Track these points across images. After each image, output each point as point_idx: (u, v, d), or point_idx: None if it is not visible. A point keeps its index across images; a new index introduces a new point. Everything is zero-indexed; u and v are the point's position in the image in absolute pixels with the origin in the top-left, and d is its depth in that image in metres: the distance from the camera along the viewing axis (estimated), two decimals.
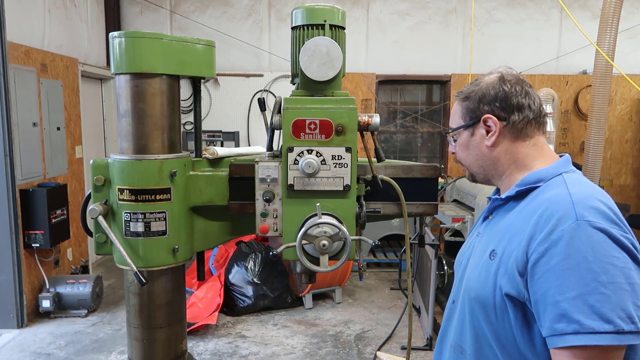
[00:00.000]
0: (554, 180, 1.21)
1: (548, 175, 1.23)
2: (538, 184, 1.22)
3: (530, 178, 1.24)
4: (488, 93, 1.28)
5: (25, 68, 4.63)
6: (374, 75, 6.83)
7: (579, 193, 1.12)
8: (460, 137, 1.35)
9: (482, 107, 1.28)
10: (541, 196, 1.18)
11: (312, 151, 1.60)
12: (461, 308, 1.30)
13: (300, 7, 1.66)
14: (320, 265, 1.59)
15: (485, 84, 1.30)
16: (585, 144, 4.87)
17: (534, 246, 1.08)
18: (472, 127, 1.31)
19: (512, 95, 1.26)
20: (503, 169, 1.30)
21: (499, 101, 1.26)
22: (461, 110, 1.33)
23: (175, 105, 1.72)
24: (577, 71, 6.85)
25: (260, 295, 4.84)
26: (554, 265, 1.04)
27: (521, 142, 1.28)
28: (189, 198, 1.74)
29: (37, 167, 4.81)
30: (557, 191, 1.16)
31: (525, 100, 1.26)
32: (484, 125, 1.28)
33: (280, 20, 6.77)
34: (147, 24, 6.72)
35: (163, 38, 1.62)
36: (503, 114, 1.27)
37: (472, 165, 1.35)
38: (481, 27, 6.81)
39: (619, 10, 4.48)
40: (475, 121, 1.29)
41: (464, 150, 1.35)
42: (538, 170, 1.25)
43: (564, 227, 1.05)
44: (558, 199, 1.12)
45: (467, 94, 1.32)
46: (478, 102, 1.29)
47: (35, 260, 4.72)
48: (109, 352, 4.11)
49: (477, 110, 1.29)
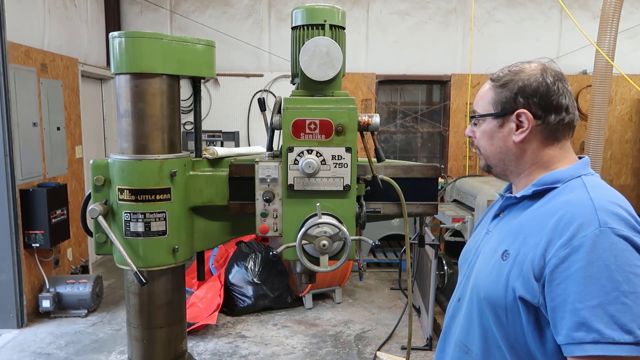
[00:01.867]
0: (572, 183, 1.17)
1: (566, 177, 1.18)
2: (556, 184, 1.18)
3: (548, 178, 1.19)
4: (529, 85, 1.18)
5: (25, 68, 4.63)
6: (374, 75, 6.83)
7: (601, 198, 1.09)
8: (485, 124, 1.26)
9: (519, 99, 1.18)
10: (559, 198, 1.14)
11: (312, 151, 1.59)
12: (468, 307, 1.26)
13: (300, 7, 1.66)
14: (320, 265, 1.59)
15: (526, 74, 1.20)
16: (585, 144, 4.87)
17: (553, 251, 1.04)
18: (502, 118, 1.22)
19: (554, 93, 1.17)
20: (524, 167, 1.24)
21: (538, 97, 1.17)
22: (493, 97, 1.23)
23: (175, 105, 1.72)
24: (577, 71, 6.85)
25: (260, 295, 4.84)
26: (575, 272, 1.01)
27: (550, 145, 1.21)
28: (189, 198, 1.74)
29: (37, 167, 4.81)
30: (577, 194, 1.12)
31: (565, 100, 1.18)
32: (515, 119, 1.20)
33: (280, 20, 6.77)
34: (147, 24, 6.72)
35: (163, 38, 1.62)
36: (540, 112, 1.18)
37: (491, 156, 1.28)
38: (481, 27, 6.81)
39: (619, 10, 4.48)
40: (508, 113, 1.21)
41: (487, 140, 1.26)
42: (557, 171, 1.20)
43: (586, 233, 1.02)
44: (579, 203, 1.08)
45: (505, 81, 1.21)
46: (515, 93, 1.19)
47: (35, 260, 4.72)
48: (109, 352, 4.11)
49: (512, 101, 1.19)
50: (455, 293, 1.38)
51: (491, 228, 1.32)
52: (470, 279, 1.29)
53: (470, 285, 1.26)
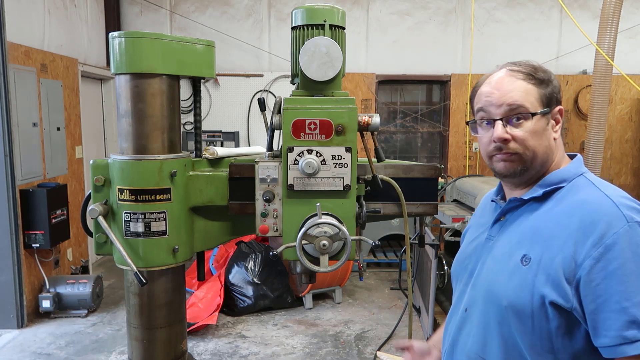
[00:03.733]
0: (577, 181, 1.19)
1: (571, 176, 1.20)
2: (562, 184, 1.19)
3: (554, 178, 1.20)
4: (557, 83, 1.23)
5: (25, 68, 4.63)
6: (374, 75, 6.83)
7: (615, 195, 1.10)
8: (534, 122, 1.19)
9: (558, 96, 1.23)
10: (571, 198, 1.15)
11: (312, 151, 1.59)
12: (482, 317, 1.21)
13: (300, 7, 1.66)
14: (320, 265, 1.59)
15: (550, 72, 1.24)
16: (585, 143, 4.87)
17: (585, 251, 1.03)
18: (549, 115, 1.21)
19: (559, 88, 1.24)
20: (549, 165, 1.23)
21: (559, 93, 1.23)
22: (539, 93, 1.20)
23: (175, 105, 1.72)
24: (577, 71, 6.85)
25: (261, 295, 4.84)
26: (615, 270, 1.00)
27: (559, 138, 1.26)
28: (189, 198, 1.74)
29: (37, 167, 4.81)
30: (590, 193, 1.13)
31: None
32: (556, 116, 1.23)
33: (280, 20, 6.77)
34: (147, 24, 6.72)
35: (163, 38, 1.62)
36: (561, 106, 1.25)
37: (540, 156, 1.21)
38: (481, 27, 6.81)
39: (619, 10, 4.48)
40: (553, 109, 1.22)
41: (538, 139, 1.20)
42: (561, 170, 1.22)
43: (617, 230, 1.02)
44: (597, 202, 1.09)
45: (544, 79, 1.21)
46: (556, 90, 1.22)
47: (35, 261, 4.72)
48: (109, 352, 4.11)
49: (556, 98, 1.22)
50: (457, 303, 1.33)
51: (494, 233, 1.28)
52: (477, 287, 1.25)
53: (482, 294, 1.22)
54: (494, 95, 1.22)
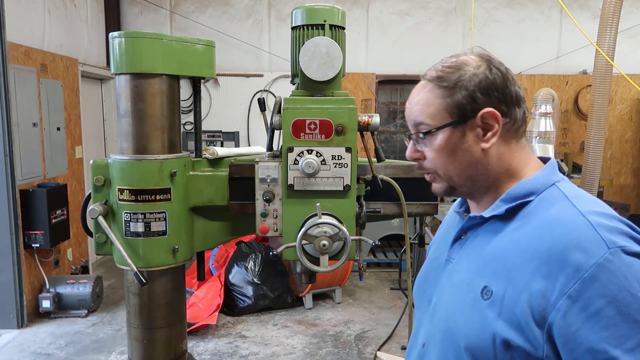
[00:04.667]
0: (548, 193, 0.97)
1: (540, 186, 0.98)
2: (529, 197, 0.98)
3: (519, 190, 0.99)
4: (484, 79, 0.98)
5: (25, 68, 4.63)
6: (374, 75, 6.83)
7: (592, 212, 0.90)
8: (438, 138, 1.01)
9: (478, 97, 0.97)
10: (540, 215, 0.94)
11: (312, 151, 1.59)
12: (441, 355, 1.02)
13: (300, 7, 1.66)
14: (320, 265, 1.59)
15: (473, 66, 0.99)
16: (585, 143, 4.87)
17: (559, 288, 0.85)
18: (463, 125, 0.99)
19: (511, 83, 0.99)
20: (494, 179, 1.02)
21: (497, 90, 0.98)
22: (444, 102, 0.99)
23: (175, 105, 1.72)
24: (577, 71, 6.85)
25: (261, 295, 4.84)
26: (598, 311, 0.82)
27: (515, 144, 1.02)
28: (189, 198, 1.74)
29: (37, 167, 4.81)
30: (561, 209, 0.93)
31: (520, 91, 1.01)
32: (481, 123, 0.99)
33: (280, 20, 6.77)
34: (147, 24, 6.72)
35: (163, 38, 1.62)
36: (504, 107, 0.98)
37: (457, 175, 1.03)
38: (481, 27, 6.81)
39: (619, 10, 4.48)
40: (470, 117, 0.98)
41: (448, 156, 1.01)
42: (527, 180, 1.00)
43: (596, 260, 0.83)
44: (571, 222, 0.89)
45: (455, 80, 0.99)
46: (473, 91, 0.97)
47: (35, 261, 4.72)
48: (109, 353, 4.11)
49: (474, 102, 0.98)
50: (416, 334, 1.15)
51: (453, 254, 1.08)
52: (435, 321, 1.06)
53: (441, 329, 1.03)
54: (406, 109, 1.08)
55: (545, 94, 4.95)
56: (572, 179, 5.77)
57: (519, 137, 1.02)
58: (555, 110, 5.09)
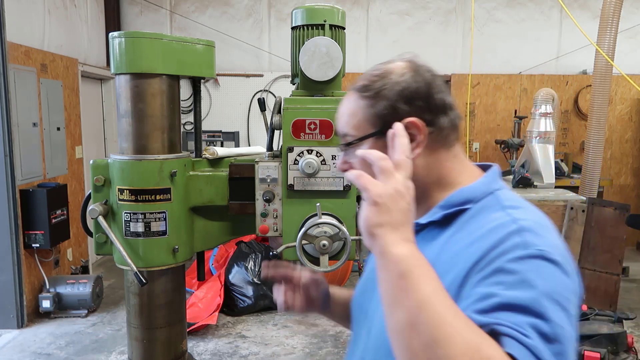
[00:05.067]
0: (486, 201, 0.96)
1: (478, 194, 0.96)
2: (467, 205, 0.96)
3: (457, 198, 0.97)
4: (407, 87, 0.94)
5: (25, 68, 4.63)
6: None
7: (526, 220, 0.88)
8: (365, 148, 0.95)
9: (400, 107, 0.94)
10: (476, 222, 0.92)
11: (312, 151, 1.60)
12: None
13: (300, 7, 1.66)
14: (320, 265, 1.59)
15: (398, 74, 0.96)
16: (585, 144, 4.87)
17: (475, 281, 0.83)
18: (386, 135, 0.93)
19: (436, 91, 0.96)
20: (424, 189, 0.98)
21: (421, 99, 0.94)
22: (367, 111, 0.96)
23: (175, 105, 1.72)
24: (577, 71, 6.85)
25: (261, 295, 4.84)
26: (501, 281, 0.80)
27: (445, 153, 0.98)
28: (189, 198, 1.74)
29: (37, 167, 4.81)
30: (497, 217, 0.90)
31: (448, 97, 0.98)
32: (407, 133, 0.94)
33: (280, 20, 6.77)
34: (147, 24, 6.72)
35: (163, 38, 1.62)
36: (428, 115, 0.95)
37: None
38: (481, 27, 6.82)
39: (619, 10, 4.48)
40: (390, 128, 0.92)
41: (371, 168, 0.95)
42: (465, 188, 0.98)
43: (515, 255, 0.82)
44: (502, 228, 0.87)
45: (377, 89, 0.95)
46: (395, 100, 0.94)
47: (35, 261, 4.72)
48: (109, 353, 4.11)
49: (395, 111, 0.94)
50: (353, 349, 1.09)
51: None
52: (372, 336, 1.01)
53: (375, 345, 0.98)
54: (335, 120, 1.05)
55: (545, 94, 4.95)
56: (572, 179, 5.77)
57: (449, 146, 0.99)
58: (555, 110, 5.09)
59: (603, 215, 3.84)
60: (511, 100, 6.83)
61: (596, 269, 3.83)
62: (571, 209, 3.80)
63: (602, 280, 3.83)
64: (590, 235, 3.81)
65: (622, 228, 3.86)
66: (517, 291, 0.77)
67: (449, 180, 0.99)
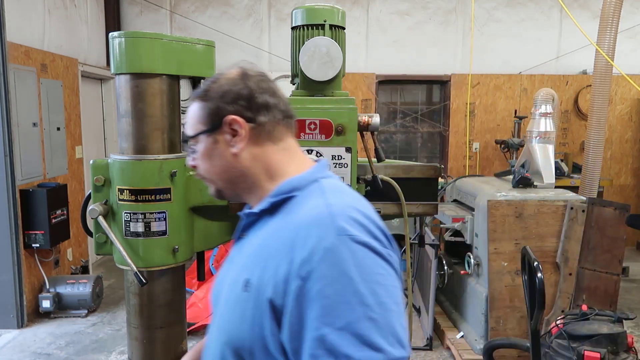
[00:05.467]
0: (310, 189, 1.05)
1: (304, 183, 1.06)
2: (293, 193, 1.05)
3: (285, 187, 1.06)
4: (231, 90, 1.08)
5: (25, 68, 4.63)
6: (374, 75, 6.83)
7: (338, 203, 0.98)
8: (200, 146, 1.11)
9: (224, 107, 1.07)
10: (297, 208, 1.01)
11: (312, 151, 1.60)
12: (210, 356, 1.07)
13: (300, 7, 1.66)
14: None
15: (225, 79, 1.10)
16: (585, 143, 4.87)
17: (294, 271, 0.91)
18: (215, 133, 1.08)
19: (258, 93, 1.08)
20: (254, 180, 1.10)
21: (244, 99, 1.07)
22: (200, 113, 1.10)
23: (175, 105, 1.72)
24: (577, 71, 6.85)
25: None
26: (319, 292, 0.89)
27: (271, 147, 1.10)
28: (189, 198, 1.74)
29: (37, 167, 4.81)
30: (314, 202, 0.99)
31: (272, 99, 1.10)
32: (228, 129, 1.07)
33: (280, 20, 6.77)
34: (147, 24, 6.72)
35: (163, 38, 1.62)
36: (249, 114, 1.07)
37: (217, 179, 1.12)
38: (481, 26, 6.82)
39: (619, 10, 4.48)
40: (219, 125, 1.08)
41: (207, 161, 1.11)
42: (293, 178, 1.08)
43: (325, 244, 0.90)
44: (315, 212, 0.97)
45: (206, 92, 1.10)
46: (219, 101, 1.08)
47: (35, 261, 4.72)
48: (109, 352, 4.11)
49: (220, 111, 1.07)
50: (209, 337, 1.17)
51: (234, 254, 1.15)
52: (215, 321, 1.10)
53: (216, 333, 1.07)
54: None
55: (545, 94, 4.95)
56: (572, 179, 5.77)
57: (275, 140, 1.10)
58: (555, 110, 5.09)
59: (603, 215, 3.84)
60: (511, 100, 6.83)
61: (596, 269, 3.83)
62: (571, 209, 3.80)
63: (602, 280, 3.83)
64: (590, 235, 3.81)
65: (622, 228, 3.86)
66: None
67: (278, 171, 1.10)
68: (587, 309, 2.99)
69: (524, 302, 2.67)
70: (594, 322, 2.86)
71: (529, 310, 2.55)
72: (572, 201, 3.84)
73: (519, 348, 3.07)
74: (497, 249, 3.80)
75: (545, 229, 3.82)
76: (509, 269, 3.80)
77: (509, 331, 3.79)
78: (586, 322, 2.86)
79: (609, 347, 2.70)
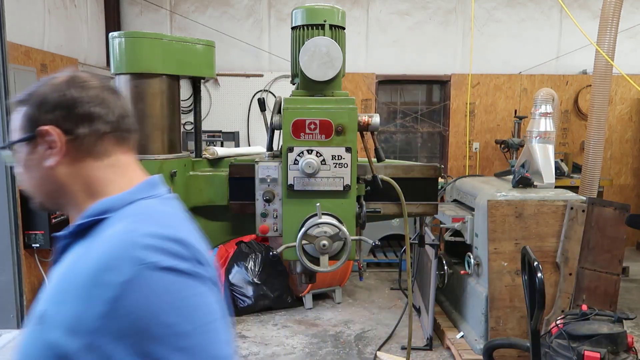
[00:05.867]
0: (125, 211, 0.96)
1: (119, 204, 0.97)
2: (106, 215, 0.95)
3: (97, 208, 0.96)
4: (51, 98, 0.97)
5: (25, 68, 4.63)
6: (374, 75, 6.83)
7: (140, 229, 0.89)
8: (17, 156, 1.01)
9: (43, 116, 0.97)
10: (103, 234, 0.92)
11: (312, 151, 1.60)
12: None
13: (300, 7, 1.66)
14: (320, 265, 1.59)
15: (48, 86, 1.00)
16: (585, 143, 4.87)
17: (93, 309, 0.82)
18: (32, 142, 0.98)
19: (81, 103, 0.98)
20: (72, 196, 1.00)
21: (63, 109, 0.97)
22: (20, 120, 0.99)
23: (175, 105, 1.72)
24: (577, 71, 6.85)
25: (261, 295, 4.84)
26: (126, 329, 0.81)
27: (92, 162, 0.99)
28: (189, 198, 1.74)
29: None
30: (118, 228, 0.90)
31: (98, 109, 0.99)
32: (43, 140, 0.97)
33: (280, 20, 6.77)
34: (147, 24, 6.72)
35: (163, 38, 1.62)
36: (67, 125, 0.96)
37: (34, 191, 1.03)
38: (481, 27, 6.82)
39: (619, 10, 4.48)
40: (34, 134, 0.97)
41: (25, 173, 1.02)
42: (109, 198, 0.98)
43: (123, 278, 0.82)
44: (113, 240, 0.88)
45: (26, 98, 0.99)
46: (37, 109, 0.97)
47: (35, 261, 4.72)
48: None
49: (37, 119, 0.97)
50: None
51: (48, 281, 1.03)
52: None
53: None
54: None
55: (545, 94, 4.95)
56: (572, 179, 5.77)
57: (98, 155, 1.00)
58: (555, 110, 5.09)
59: (603, 215, 3.84)
60: (511, 100, 6.83)
61: (596, 269, 3.83)
62: (571, 209, 3.80)
63: (602, 280, 3.83)
64: (590, 235, 3.81)
65: (622, 228, 3.86)
66: None
67: (98, 190, 0.99)
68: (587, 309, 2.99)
69: (524, 302, 2.67)
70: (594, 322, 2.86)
71: (529, 310, 2.55)
72: (572, 201, 3.84)
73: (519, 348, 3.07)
74: (497, 249, 3.81)
75: (545, 229, 3.82)
76: (509, 269, 3.80)
77: (509, 331, 3.79)
78: (586, 322, 2.86)
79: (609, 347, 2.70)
